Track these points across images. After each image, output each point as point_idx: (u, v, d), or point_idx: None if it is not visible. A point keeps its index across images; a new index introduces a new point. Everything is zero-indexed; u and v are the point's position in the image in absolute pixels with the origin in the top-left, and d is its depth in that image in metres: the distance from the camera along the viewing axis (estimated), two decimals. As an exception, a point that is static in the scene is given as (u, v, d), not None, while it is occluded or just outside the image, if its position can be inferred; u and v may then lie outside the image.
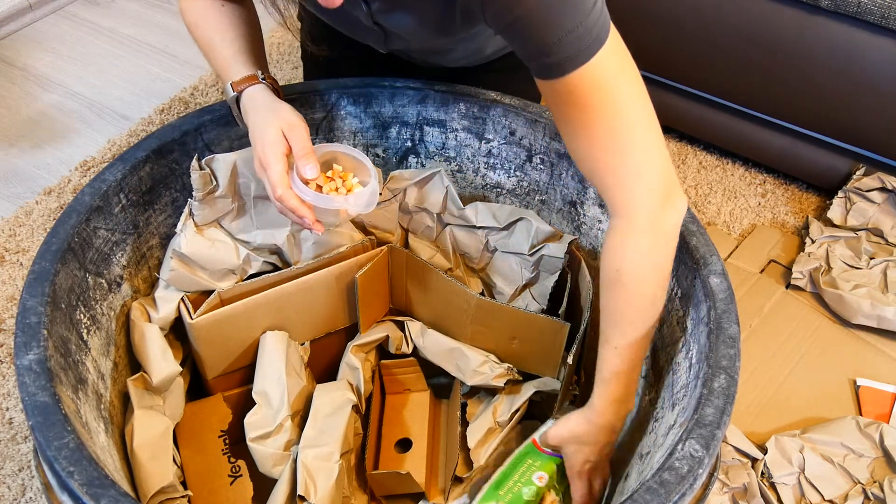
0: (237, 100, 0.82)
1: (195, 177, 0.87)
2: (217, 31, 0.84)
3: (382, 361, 1.06)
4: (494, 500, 0.86)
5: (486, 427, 0.97)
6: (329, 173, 0.83)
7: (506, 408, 0.98)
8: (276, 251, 0.97)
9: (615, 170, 0.72)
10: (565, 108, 0.71)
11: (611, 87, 0.69)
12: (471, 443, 0.96)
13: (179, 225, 0.90)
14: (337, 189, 0.81)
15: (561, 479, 0.89)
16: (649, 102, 0.72)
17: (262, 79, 0.82)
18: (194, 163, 0.88)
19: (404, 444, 1.03)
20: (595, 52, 0.67)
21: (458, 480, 0.97)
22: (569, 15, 0.65)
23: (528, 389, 0.99)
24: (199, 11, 0.85)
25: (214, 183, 0.89)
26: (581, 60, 0.67)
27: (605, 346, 0.79)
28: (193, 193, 0.89)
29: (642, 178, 0.72)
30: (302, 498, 0.83)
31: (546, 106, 0.72)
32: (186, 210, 0.90)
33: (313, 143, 0.79)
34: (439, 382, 1.10)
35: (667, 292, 0.78)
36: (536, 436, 0.92)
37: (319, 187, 0.80)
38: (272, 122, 0.77)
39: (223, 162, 0.89)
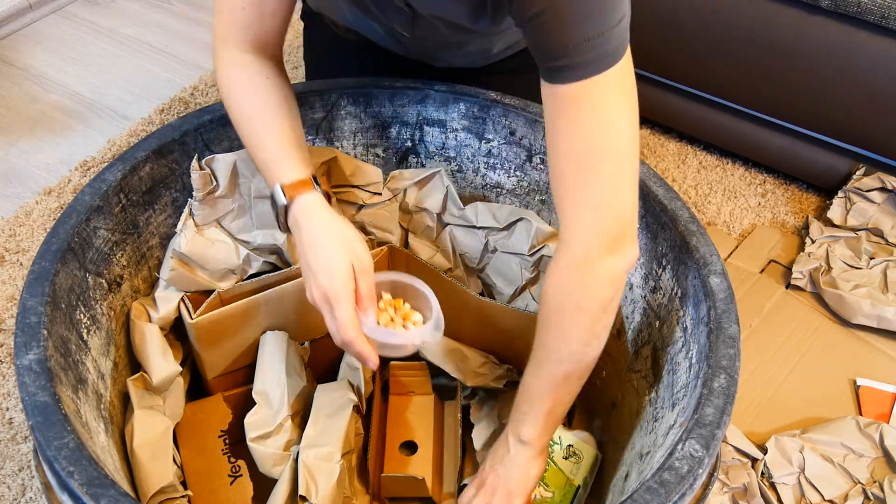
0: (283, 205, 0.75)
1: (195, 177, 0.87)
2: (262, 114, 0.78)
3: (391, 363, 1.06)
4: None
5: (491, 428, 0.97)
6: (381, 304, 0.79)
7: (510, 410, 0.98)
8: (276, 251, 0.97)
9: (574, 194, 0.70)
10: (557, 117, 0.69)
11: (607, 109, 0.67)
12: (477, 444, 0.96)
13: (179, 225, 0.90)
14: (392, 319, 0.78)
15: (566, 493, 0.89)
16: (637, 139, 0.70)
17: (318, 185, 0.75)
18: (194, 163, 0.88)
19: (409, 447, 1.03)
20: (608, 67, 0.66)
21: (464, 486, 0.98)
22: (595, 21, 0.64)
23: None
24: (243, 85, 0.79)
25: (214, 183, 0.89)
26: (592, 71, 0.65)
27: (528, 368, 0.80)
28: (193, 193, 0.89)
29: (596, 212, 0.70)
30: (303, 498, 0.83)
31: (543, 112, 0.72)
32: (186, 210, 0.90)
33: (313, 144, 0.79)
34: (439, 383, 1.10)
35: (596, 336, 0.75)
36: None
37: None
38: (342, 253, 0.71)
39: (223, 162, 0.89)
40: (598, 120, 0.67)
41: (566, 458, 0.94)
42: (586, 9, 0.63)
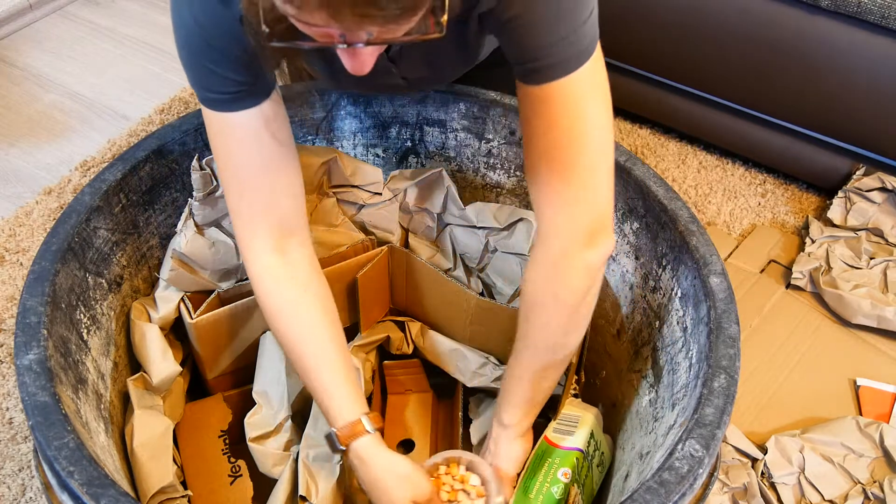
0: (340, 450, 0.77)
1: (195, 177, 0.87)
2: (305, 343, 0.77)
3: (385, 362, 1.06)
4: None
5: (489, 425, 0.97)
6: (442, 471, 0.85)
7: None
8: (276, 251, 0.97)
9: (551, 191, 0.71)
10: (533, 116, 0.70)
11: (582, 106, 0.69)
12: (474, 440, 0.96)
13: (180, 225, 0.90)
14: (452, 486, 0.83)
15: (580, 471, 0.88)
16: (611, 133, 0.71)
17: (369, 425, 0.76)
18: (195, 163, 0.88)
19: (406, 445, 1.03)
20: (581, 64, 0.67)
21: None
22: (566, 20, 0.65)
23: None
24: (280, 307, 0.77)
25: (215, 183, 0.89)
26: (567, 70, 0.67)
27: (510, 358, 0.82)
28: (194, 193, 0.89)
29: (573, 208, 0.71)
30: (303, 498, 0.83)
31: (519, 111, 0.73)
32: (187, 210, 0.90)
33: (313, 144, 0.79)
34: (439, 382, 1.10)
35: (575, 327, 0.77)
36: (549, 433, 0.92)
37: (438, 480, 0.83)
38: (402, 490, 0.76)
39: (223, 162, 0.89)
40: (573, 117, 0.69)
41: (598, 466, 0.93)
42: (558, 10, 0.64)
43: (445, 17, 0.53)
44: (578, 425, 0.91)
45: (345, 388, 0.77)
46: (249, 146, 0.72)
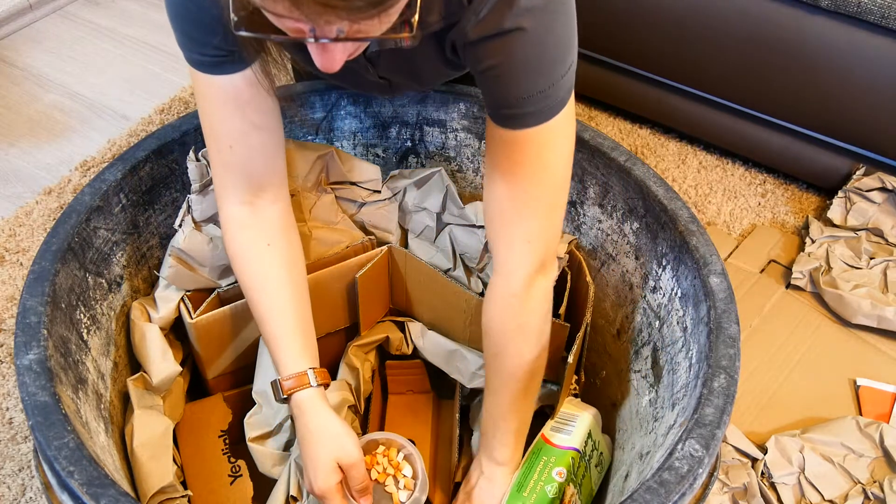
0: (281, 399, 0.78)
1: (191, 167, 0.87)
2: (262, 291, 0.79)
3: (387, 361, 1.06)
4: (520, 502, 0.85)
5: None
6: (380, 451, 0.87)
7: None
8: (276, 251, 0.97)
9: (510, 229, 0.75)
10: (501, 158, 0.72)
11: (550, 153, 0.71)
12: (475, 449, 0.96)
13: (178, 220, 0.90)
14: (385, 469, 0.86)
15: (576, 470, 0.88)
16: (570, 169, 0.75)
17: (313, 379, 0.77)
18: (191, 154, 0.88)
19: (406, 445, 1.03)
20: (555, 115, 0.68)
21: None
22: (545, 75, 0.66)
23: (538, 398, 0.99)
24: (242, 254, 0.79)
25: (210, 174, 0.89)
26: (541, 119, 0.68)
27: (486, 395, 0.85)
28: (191, 186, 0.89)
29: (529, 244, 0.75)
30: (294, 498, 0.83)
31: (486, 145, 0.75)
32: (185, 205, 0.90)
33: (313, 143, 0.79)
34: (439, 383, 1.10)
35: (542, 347, 0.81)
36: (545, 431, 0.92)
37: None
38: (328, 450, 0.75)
39: (221, 158, 0.89)
40: (540, 164, 0.71)
41: (596, 466, 0.93)
42: (539, 65, 0.65)
43: (416, 19, 0.53)
44: (576, 425, 0.92)
45: (295, 340, 0.79)
46: (227, 108, 0.73)
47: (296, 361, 0.78)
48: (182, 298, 0.91)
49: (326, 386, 0.79)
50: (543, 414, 1.01)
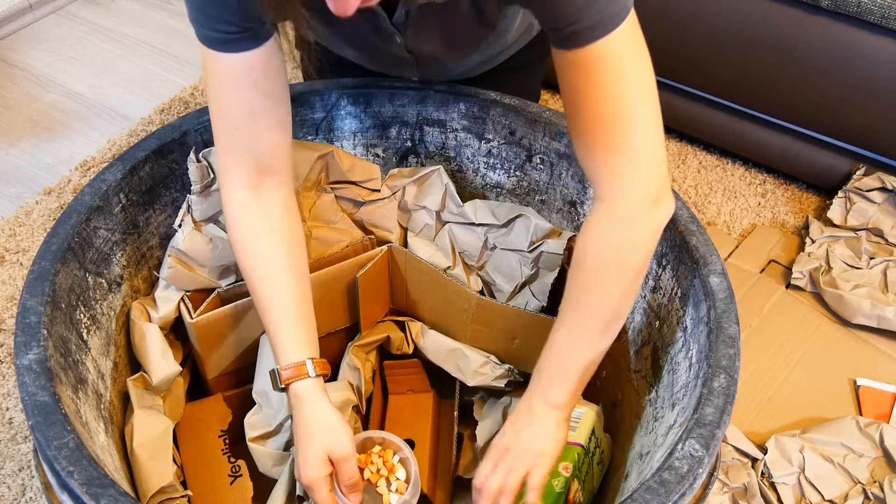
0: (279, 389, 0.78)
1: (192, 168, 0.87)
2: (264, 279, 0.78)
3: (385, 362, 1.06)
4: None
5: (495, 428, 0.97)
6: (376, 450, 0.87)
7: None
8: (276, 251, 0.97)
9: (611, 152, 0.70)
10: (577, 80, 0.69)
11: (624, 66, 0.68)
12: (480, 441, 0.96)
13: (178, 220, 0.90)
14: (378, 470, 0.84)
15: (580, 466, 0.88)
16: (656, 94, 0.71)
17: (312, 370, 0.77)
18: (192, 155, 0.88)
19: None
20: (617, 25, 0.66)
21: (463, 485, 0.98)
22: None
23: None
24: (245, 240, 0.79)
25: (212, 176, 0.89)
26: (603, 31, 0.66)
27: (558, 330, 0.77)
28: (191, 186, 0.89)
29: (637, 168, 0.70)
30: (301, 498, 0.83)
31: (558, 79, 0.71)
32: (185, 205, 0.90)
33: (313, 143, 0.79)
34: (440, 382, 1.10)
35: (634, 292, 0.75)
36: None
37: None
38: (320, 443, 0.75)
39: (221, 157, 0.89)
40: (619, 76, 0.68)
41: (598, 464, 0.93)
42: None
43: None
44: (581, 421, 0.91)
45: (295, 329, 0.78)
46: (236, 88, 0.73)
47: (295, 351, 0.77)
48: (182, 298, 0.91)
49: (326, 377, 0.78)
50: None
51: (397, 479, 0.85)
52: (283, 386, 0.77)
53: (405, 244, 1.04)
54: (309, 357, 0.77)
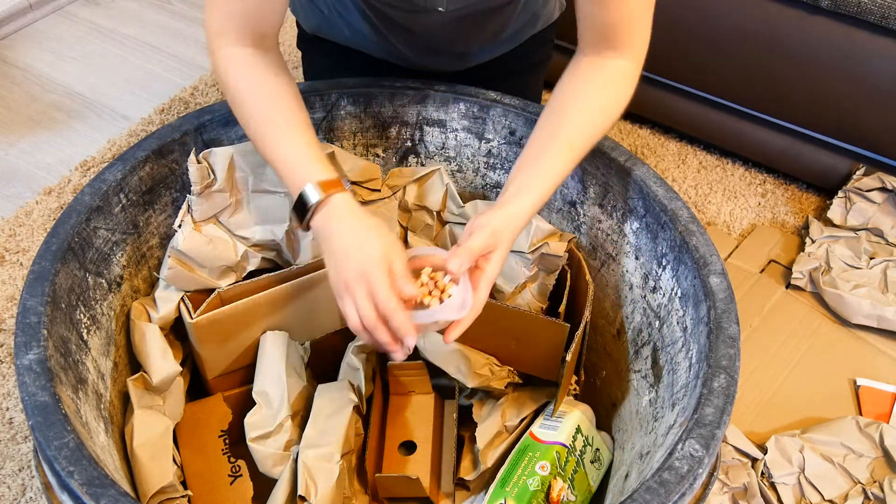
0: (316, 202, 0.74)
1: (192, 170, 0.87)
2: (279, 116, 0.78)
3: (390, 363, 1.06)
4: (502, 498, 0.86)
5: (494, 430, 0.97)
6: (426, 274, 0.77)
7: (514, 413, 0.98)
8: (276, 248, 0.97)
9: (631, 7, 0.81)
10: None
11: None
12: (480, 443, 0.96)
13: (178, 220, 0.90)
14: (430, 292, 0.77)
15: (563, 465, 0.89)
16: None
17: (346, 182, 0.76)
18: (192, 156, 0.88)
19: (408, 447, 1.03)
20: None
21: (464, 486, 0.97)
22: None
23: (539, 399, 0.99)
24: (252, 85, 0.78)
25: (212, 177, 0.89)
26: None
27: (558, 150, 0.80)
28: (192, 187, 0.89)
29: (646, 25, 0.83)
30: (302, 498, 0.83)
31: None
32: (185, 205, 0.91)
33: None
34: (441, 383, 1.10)
35: (600, 128, 0.82)
36: (534, 429, 0.92)
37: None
38: (377, 239, 0.71)
39: (220, 156, 0.89)
40: None
41: (593, 463, 0.94)
42: None
43: None
44: (563, 421, 0.92)
45: (321, 152, 0.77)
46: None
47: (329, 170, 0.75)
48: (182, 298, 0.91)
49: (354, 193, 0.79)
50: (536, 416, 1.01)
51: (450, 295, 0.77)
52: (320, 198, 0.72)
53: (405, 244, 1.04)
54: (337, 175, 0.76)
